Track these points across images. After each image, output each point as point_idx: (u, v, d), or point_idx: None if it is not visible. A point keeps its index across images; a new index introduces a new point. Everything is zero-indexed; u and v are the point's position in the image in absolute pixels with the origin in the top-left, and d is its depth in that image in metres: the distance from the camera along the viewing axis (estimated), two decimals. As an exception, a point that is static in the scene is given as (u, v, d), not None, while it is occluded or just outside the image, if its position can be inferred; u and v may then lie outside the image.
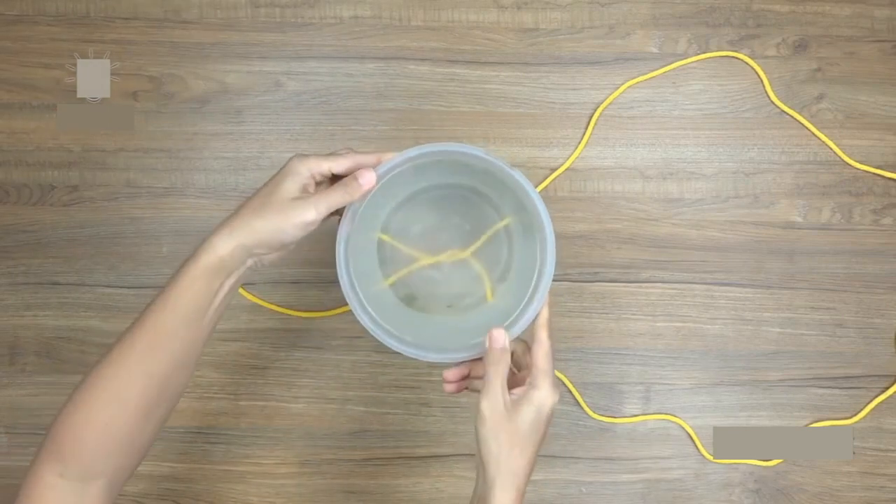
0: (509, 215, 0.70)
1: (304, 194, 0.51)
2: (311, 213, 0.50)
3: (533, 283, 0.61)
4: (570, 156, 0.75)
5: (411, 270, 0.72)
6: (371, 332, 0.60)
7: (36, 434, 0.75)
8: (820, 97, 0.76)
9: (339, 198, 0.52)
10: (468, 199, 0.72)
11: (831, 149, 0.75)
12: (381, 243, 0.72)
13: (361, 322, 0.60)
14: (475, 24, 0.76)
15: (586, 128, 0.75)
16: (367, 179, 0.53)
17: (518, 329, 0.59)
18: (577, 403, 0.75)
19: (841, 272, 0.75)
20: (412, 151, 0.59)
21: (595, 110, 0.75)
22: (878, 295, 0.75)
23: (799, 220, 0.75)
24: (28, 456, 0.74)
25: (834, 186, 0.75)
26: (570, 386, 0.74)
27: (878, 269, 0.75)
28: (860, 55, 0.76)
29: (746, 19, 0.76)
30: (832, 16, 0.76)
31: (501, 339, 0.54)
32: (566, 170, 0.75)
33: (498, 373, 0.52)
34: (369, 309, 0.61)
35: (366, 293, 0.62)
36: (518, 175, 0.60)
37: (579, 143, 0.75)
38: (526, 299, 0.60)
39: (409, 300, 0.72)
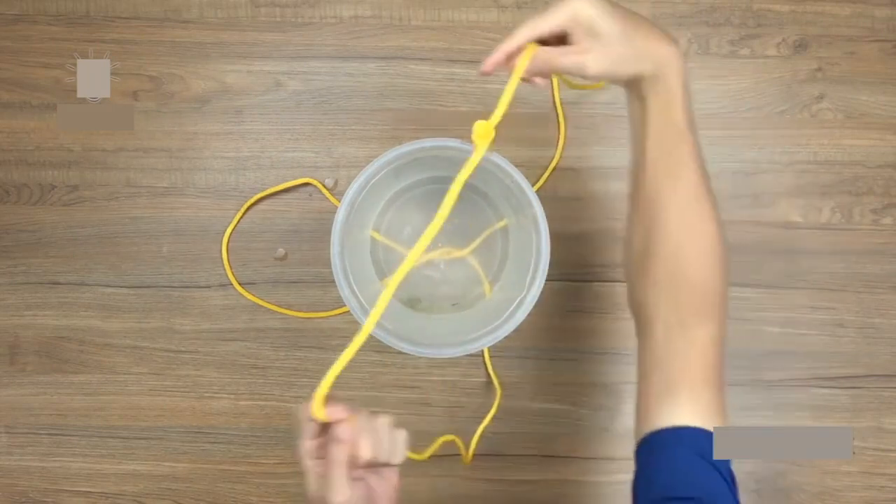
0: (498, 202, 0.71)
1: None
2: None
3: (532, 262, 0.61)
4: (570, 155, 0.75)
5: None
6: (385, 342, 0.60)
7: (36, 434, 0.75)
8: (820, 97, 0.76)
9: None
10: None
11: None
12: (374, 251, 0.73)
13: (373, 334, 0.60)
14: (475, 24, 0.75)
15: (560, 126, 0.75)
16: None
17: (522, 314, 0.59)
18: (577, 404, 0.75)
19: (841, 272, 0.75)
20: (389, 154, 0.59)
21: (594, 110, 0.75)
22: (878, 295, 0.75)
23: (799, 220, 0.75)
24: (28, 455, 0.74)
25: (834, 186, 0.75)
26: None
27: (878, 269, 0.75)
28: (860, 55, 0.76)
29: (747, 19, 0.76)
30: (832, 15, 0.76)
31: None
32: (568, 169, 0.75)
33: (542, 22, 0.49)
34: (380, 320, 0.61)
35: (368, 300, 0.62)
36: (497, 157, 0.60)
37: (558, 140, 0.75)
38: (528, 278, 0.61)
39: (413, 303, 0.72)
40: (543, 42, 0.50)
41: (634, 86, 0.50)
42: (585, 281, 0.75)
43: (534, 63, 0.50)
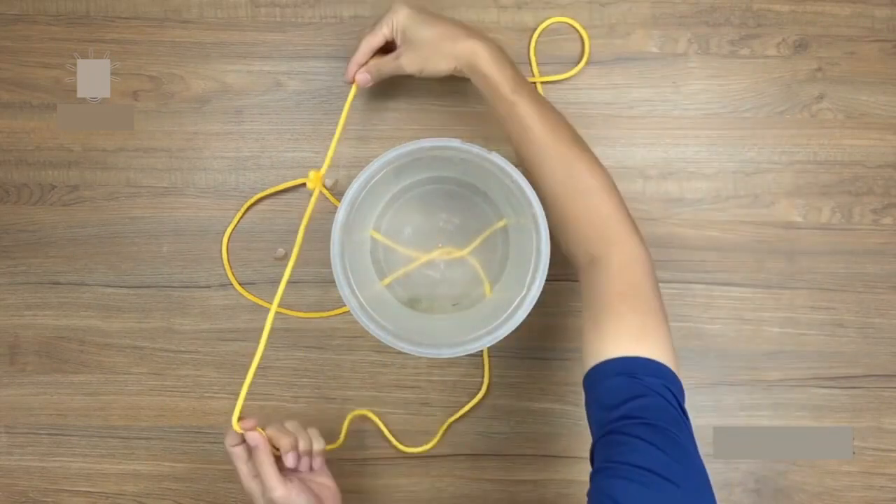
0: (498, 202, 0.71)
1: None
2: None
3: (532, 262, 0.61)
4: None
5: (409, 270, 0.73)
6: (385, 342, 0.60)
7: (36, 434, 0.75)
8: (820, 97, 0.76)
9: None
10: (453, 192, 0.72)
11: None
12: (374, 250, 0.72)
13: (374, 334, 0.60)
14: (475, 24, 0.75)
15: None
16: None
17: (522, 314, 0.59)
18: (577, 404, 0.75)
19: (841, 272, 0.75)
20: (389, 154, 0.59)
21: (592, 110, 0.75)
22: (878, 295, 0.75)
23: (799, 220, 0.75)
24: (28, 455, 0.74)
25: (834, 186, 0.75)
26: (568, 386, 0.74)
27: (878, 269, 0.75)
28: (860, 55, 0.76)
29: (747, 19, 0.76)
30: (832, 15, 0.76)
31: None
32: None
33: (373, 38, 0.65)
34: (380, 320, 0.61)
35: (368, 300, 0.62)
36: (496, 157, 0.60)
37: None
38: (528, 278, 0.61)
39: (413, 303, 0.72)
40: (385, 50, 0.66)
41: (466, 75, 0.62)
42: (585, 281, 0.75)
43: (371, 71, 0.66)
